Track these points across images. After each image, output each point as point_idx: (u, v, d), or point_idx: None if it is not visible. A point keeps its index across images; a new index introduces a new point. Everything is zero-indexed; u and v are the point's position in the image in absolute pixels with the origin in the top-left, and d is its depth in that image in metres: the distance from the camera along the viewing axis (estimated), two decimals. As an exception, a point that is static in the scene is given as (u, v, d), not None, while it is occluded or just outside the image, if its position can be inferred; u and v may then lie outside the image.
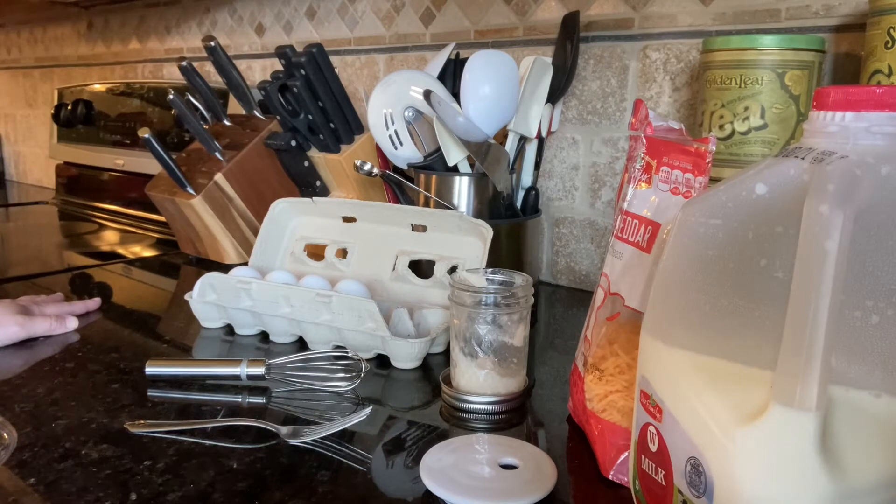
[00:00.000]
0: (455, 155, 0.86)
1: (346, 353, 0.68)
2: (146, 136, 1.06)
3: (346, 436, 0.55)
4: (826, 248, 0.30)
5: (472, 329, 0.60)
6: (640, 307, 0.49)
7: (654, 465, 0.40)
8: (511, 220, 0.89)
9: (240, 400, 0.62)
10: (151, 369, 0.65)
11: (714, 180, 0.46)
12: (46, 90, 2.06)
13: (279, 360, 0.66)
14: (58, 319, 0.79)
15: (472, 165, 0.88)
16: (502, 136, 0.90)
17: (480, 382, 0.60)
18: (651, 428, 0.40)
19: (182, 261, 1.15)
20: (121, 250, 1.25)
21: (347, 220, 0.89)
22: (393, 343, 0.68)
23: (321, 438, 0.54)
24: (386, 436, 0.56)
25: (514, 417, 0.60)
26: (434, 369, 0.70)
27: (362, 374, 0.64)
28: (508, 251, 0.89)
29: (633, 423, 0.43)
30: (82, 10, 1.86)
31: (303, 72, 0.96)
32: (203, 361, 0.68)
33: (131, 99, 1.56)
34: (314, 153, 1.04)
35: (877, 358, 0.33)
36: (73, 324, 0.80)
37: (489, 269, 0.64)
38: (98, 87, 1.68)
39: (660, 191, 0.50)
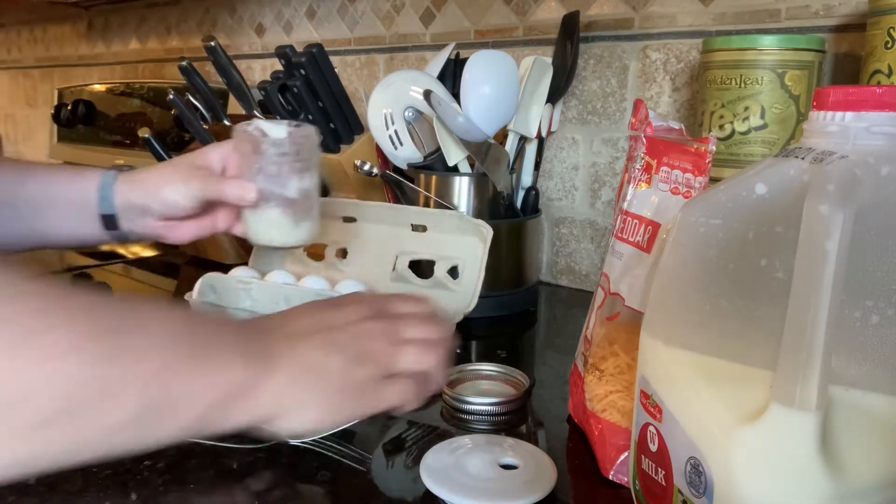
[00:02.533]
0: (455, 155, 0.86)
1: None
2: (146, 136, 1.06)
3: (346, 436, 0.55)
4: (826, 248, 0.30)
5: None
6: (640, 307, 0.49)
7: (654, 465, 0.40)
8: (511, 220, 0.89)
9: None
10: (151, 369, 0.65)
11: (714, 180, 0.46)
12: (46, 90, 2.06)
13: (279, 360, 0.66)
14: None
15: (472, 165, 0.88)
16: (502, 136, 0.90)
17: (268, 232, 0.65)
18: (651, 428, 0.40)
19: (182, 261, 1.15)
20: (121, 250, 1.25)
21: (347, 220, 0.89)
22: (393, 343, 0.68)
23: (321, 438, 0.54)
24: (386, 436, 0.56)
25: (514, 418, 0.60)
26: (434, 369, 0.70)
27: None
28: (508, 251, 0.89)
29: (633, 423, 0.43)
30: (82, 10, 1.86)
31: (303, 72, 0.96)
32: (203, 361, 0.68)
33: (131, 99, 1.56)
34: (314, 153, 1.04)
35: (877, 358, 0.33)
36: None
37: (295, 123, 0.67)
38: (98, 87, 1.67)
39: (660, 191, 0.49)
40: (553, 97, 0.91)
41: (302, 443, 0.53)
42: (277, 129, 0.65)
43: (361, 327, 0.45)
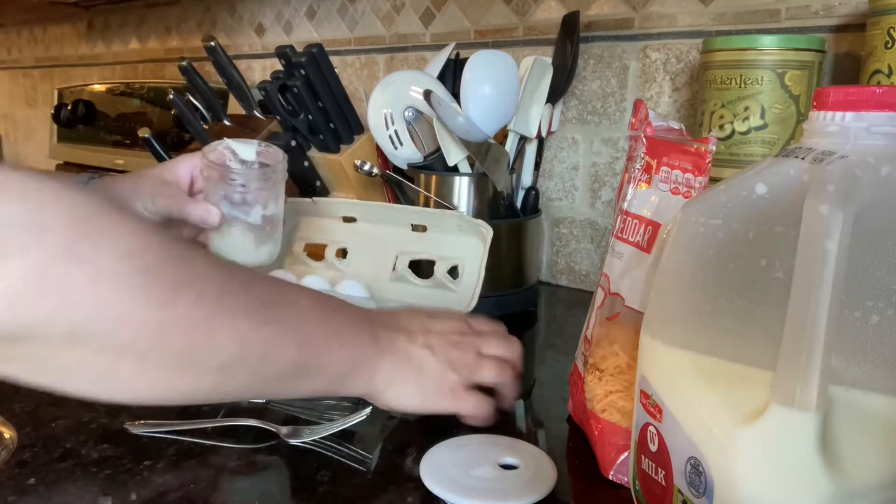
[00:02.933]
0: (455, 155, 0.86)
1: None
2: (146, 136, 1.06)
3: (346, 436, 0.55)
4: (826, 248, 0.30)
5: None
6: (640, 307, 0.49)
7: (654, 465, 0.40)
8: (511, 220, 0.89)
9: (240, 399, 0.62)
10: (151, 369, 0.65)
11: (714, 180, 0.46)
12: (46, 90, 2.06)
13: (279, 360, 0.66)
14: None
15: (472, 165, 0.88)
16: (502, 136, 0.90)
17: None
18: (651, 428, 0.40)
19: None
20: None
21: (347, 220, 0.89)
22: (393, 343, 0.68)
23: (321, 438, 0.54)
24: (386, 436, 0.56)
25: (514, 418, 0.60)
26: (434, 369, 0.70)
27: (362, 374, 0.64)
28: (508, 251, 0.89)
29: (633, 423, 0.43)
30: (82, 10, 1.86)
31: (303, 72, 0.96)
32: (203, 361, 0.68)
33: (131, 99, 1.56)
34: (314, 153, 1.04)
35: (877, 358, 0.33)
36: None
37: (264, 143, 0.69)
38: (98, 87, 1.68)
39: (660, 191, 0.50)
40: (553, 97, 0.91)
41: (302, 443, 0.54)
42: (247, 149, 0.66)
43: (453, 338, 0.54)
